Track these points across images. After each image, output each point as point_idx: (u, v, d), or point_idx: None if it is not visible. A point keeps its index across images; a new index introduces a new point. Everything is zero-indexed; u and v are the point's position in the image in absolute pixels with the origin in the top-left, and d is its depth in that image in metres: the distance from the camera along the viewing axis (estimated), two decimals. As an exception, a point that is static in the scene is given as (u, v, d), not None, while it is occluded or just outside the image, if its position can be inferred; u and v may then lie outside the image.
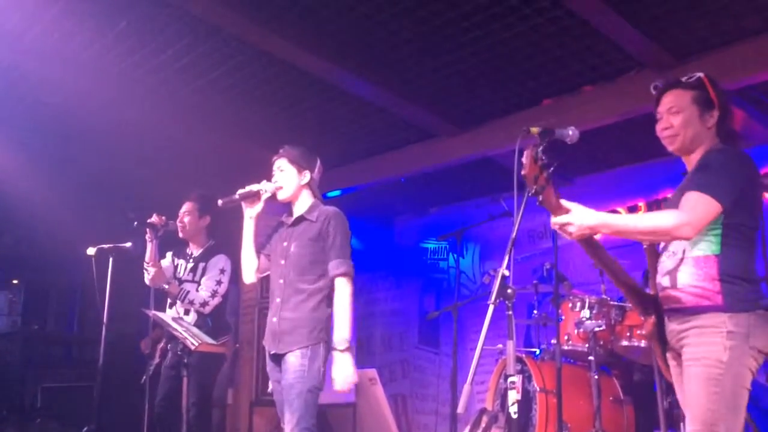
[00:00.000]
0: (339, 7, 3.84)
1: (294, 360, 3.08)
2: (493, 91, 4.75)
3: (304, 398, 3.02)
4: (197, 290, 4.39)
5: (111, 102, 4.91)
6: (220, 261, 4.48)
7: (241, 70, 4.58)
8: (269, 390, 3.28)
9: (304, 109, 5.20)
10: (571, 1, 3.59)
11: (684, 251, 2.36)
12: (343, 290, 3.16)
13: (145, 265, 4.28)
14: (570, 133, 2.45)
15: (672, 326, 2.40)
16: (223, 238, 4.66)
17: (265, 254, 3.41)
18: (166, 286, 4.40)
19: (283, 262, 3.28)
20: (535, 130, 2.42)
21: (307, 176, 3.36)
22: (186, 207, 4.58)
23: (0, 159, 5.39)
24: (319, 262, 3.21)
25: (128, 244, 4.28)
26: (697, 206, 2.24)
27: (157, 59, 4.45)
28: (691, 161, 2.50)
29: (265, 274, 3.43)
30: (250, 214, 3.31)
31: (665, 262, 2.44)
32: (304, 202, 3.36)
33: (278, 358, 3.19)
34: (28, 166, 5.54)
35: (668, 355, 2.49)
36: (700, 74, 2.48)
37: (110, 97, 4.85)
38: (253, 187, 3.29)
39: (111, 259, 4.20)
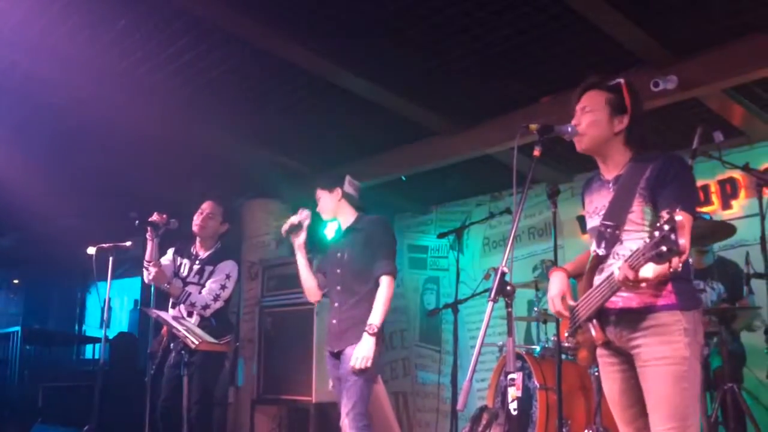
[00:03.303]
0: (339, 6, 3.84)
1: (351, 352, 3.38)
2: (492, 88, 4.74)
3: (360, 386, 3.34)
4: (200, 293, 4.38)
5: (112, 101, 4.91)
6: (227, 266, 4.45)
7: (242, 69, 4.58)
8: (330, 388, 3.63)
9: (304, 108, 5.19)
10: (571, -2, 3.58)
11: None
12: (385, 287, 3.45)
13: (145, 263, 4.26)
14: (569, 129, 2.46)
15: (619, 326, 2.38)
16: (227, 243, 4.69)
17: (321, 272, 3.77)
18: (167, 286, 4.38)
19: (339, 270, 3.62)
20: (533, 127, 2.43)
21: (338, 192, 3.70)
22: (210, 208, 4.53)
23: (0, 159, 5.39)
24: (371, 264, 3.52)
25: (128, 243, 4.28)
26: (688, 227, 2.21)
27: (157, 58, 4.45)
28: (609, 166, 2.49)
29: (326, 290, 3.75)
30: (298, 242, 3.69)
31: (614, 265, 2.31)
32: (348, 215, 3.71)
33: (338, 355, 3.52)
34: (28, 165, 5.55)
35: (604, 352, 2.48)
36: (621, 80, 2.48)
37: (111, 96, 4.85)
38: (293, 220, 3.68)
39: (111, 259, 4.20)
